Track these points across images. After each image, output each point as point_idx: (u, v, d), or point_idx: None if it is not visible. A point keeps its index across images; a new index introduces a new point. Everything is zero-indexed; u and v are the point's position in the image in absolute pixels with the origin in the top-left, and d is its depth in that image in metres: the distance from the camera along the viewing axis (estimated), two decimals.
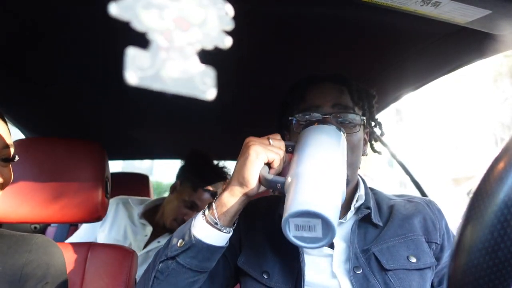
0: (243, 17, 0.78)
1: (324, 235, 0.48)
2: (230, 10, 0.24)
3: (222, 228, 0.59)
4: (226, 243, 0.62)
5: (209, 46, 0.24)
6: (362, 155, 0.80)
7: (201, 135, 1.71)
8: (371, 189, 0.80)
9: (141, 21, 0.23)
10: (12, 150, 0.70)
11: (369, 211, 0.70)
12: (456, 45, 0.82)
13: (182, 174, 1.44)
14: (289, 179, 0.54)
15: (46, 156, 0.93)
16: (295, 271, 0.68)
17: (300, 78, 0.79)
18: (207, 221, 0.59)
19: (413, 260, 0.66)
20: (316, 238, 0.48)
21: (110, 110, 1.38)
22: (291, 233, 0.49)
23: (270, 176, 0.57)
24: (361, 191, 0.73)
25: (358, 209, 0.72)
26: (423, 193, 1.27)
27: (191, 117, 1.47)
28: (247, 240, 0.74)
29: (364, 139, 0.79)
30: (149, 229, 1.37)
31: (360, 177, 0.78)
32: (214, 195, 1.21)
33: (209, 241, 0.59)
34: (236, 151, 0.72)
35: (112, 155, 1.56)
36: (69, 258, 0.93)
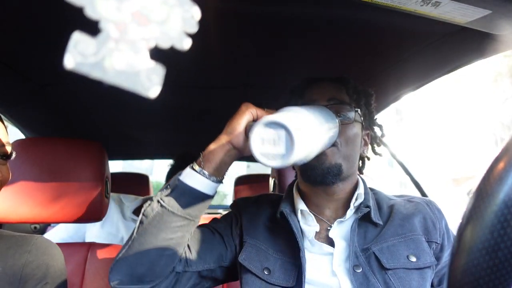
0: (243, 18, 0.78)
1: (287, 151, 0.51)
2: (197, 12, 0.24)
3: (207, 175, 0.61)
4: (212, 194, 0.64)
5: (166, 45, 0.24)
6: (363, 156, 0.80)
7: (201, 135, 1.71)
8: (371, 189, 0.80)
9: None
10: (9, 148, 0.71)
11: (369, 209, 0.71)
12: (456, 45, 0.82)
13: (175, 172, 1.47)
14: None
15: (46, 156, 0.93)
16: (296, 269, 0.68)
17: (301, 80, 0.81)
18: (193, 168, 0.62)
19: (413, 259, 0.66)
20: (279, 155, 0.51)
21: (110, 110, 1.38)
22: (258, 148, 0.52)
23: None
24: (360, 190, 0.74)
25: (357, 208, 0.72)
26: (423, 193, 1.27)
27: (192, 117, 1.47)
28: (248, 237, 0.74)
29: (364, 140, 0.79)
30: None
31: (360, 176, 0.78)
32: None
33: (193, 185, 0.61)
34: None
35: (112, 155, 1.57)
36: (69, 258, 0.93)
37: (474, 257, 0.26)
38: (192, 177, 0.62)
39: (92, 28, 0.26)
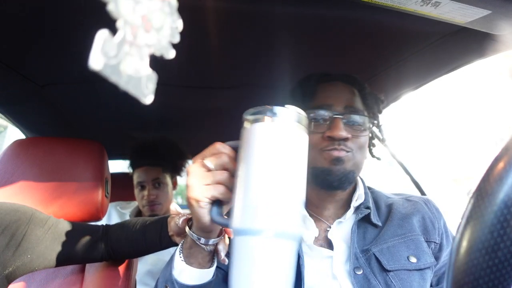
0: (243, 18, 0.78)
1: None
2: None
3: (202, 266, 0.56)
4: (213, 276, 0.58)
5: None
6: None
7: (201, 134, 1.71)
8: (369, 188, 0.79)
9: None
10: None
11: (369, 211, 0.70)
12: (456, 45, 0.82)
13: (134, 163, 1.53)
14: (235, 214, 0.43)
15: (46, 156, 0.93)
16: (295, 274, 0.67)
17: (310, 74, 0.78)
18: (186, 262, 0.56)
19: (413, 260, 0.66)
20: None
21: (110, 110, 1.38)
22: None
23: (218, 218, 0.48)
24: (360, 190, 0.73)
25: (357, 209, 0.72)
26: (422, 193, 1.27)
27: (191, 117, 1.47)
28: None
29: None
30: None
31: (359, 176, 0.78)
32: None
33: (194, 281, 0.56)
34: None
35: (112, 155, 1.57)
36: None
37: (474, 257, 0.26)
38: (191, 274, 0.55)
39: (93, 28, 0.26)
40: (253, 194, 0.41)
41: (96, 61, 0.22)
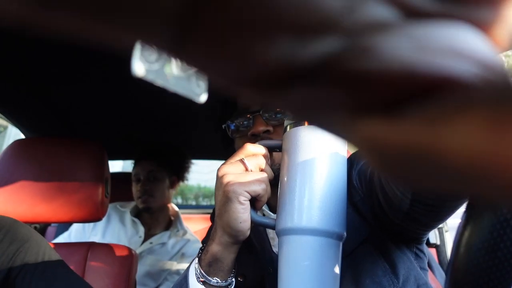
0: None
1: None
2: None
3: (226, 284, 0.51)
4: None
5: None
6: None
7: (201, 134, 1.71)
8: None
9: None
10: None
11: None
12: None
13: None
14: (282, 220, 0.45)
15: (46, 156, 0.93)
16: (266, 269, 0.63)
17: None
18: (206, 283, 0.51)
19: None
20: None
21: (110, 110, 1.38)
22: None
23: (259, 217, 0.48)
24: None
25: None
26: None
27: (191, 117, 1.47)
28: None
29: None
30: (142, 230, 1.44)
31: None
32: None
33: None
34: None
35: (112, 155, 1.57)
36: (69, 258, 0.93)
37: (474, 257, 0.26)
38: None
39: None
40: (306, 195, 0.42)
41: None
